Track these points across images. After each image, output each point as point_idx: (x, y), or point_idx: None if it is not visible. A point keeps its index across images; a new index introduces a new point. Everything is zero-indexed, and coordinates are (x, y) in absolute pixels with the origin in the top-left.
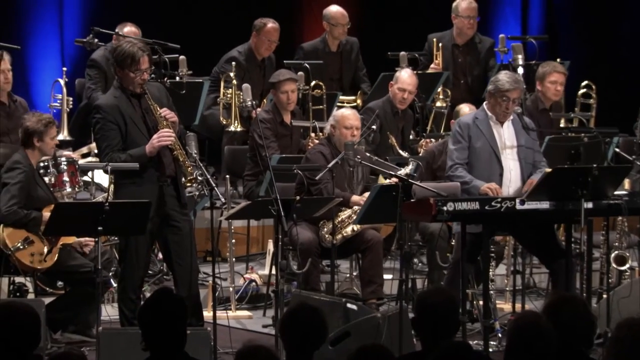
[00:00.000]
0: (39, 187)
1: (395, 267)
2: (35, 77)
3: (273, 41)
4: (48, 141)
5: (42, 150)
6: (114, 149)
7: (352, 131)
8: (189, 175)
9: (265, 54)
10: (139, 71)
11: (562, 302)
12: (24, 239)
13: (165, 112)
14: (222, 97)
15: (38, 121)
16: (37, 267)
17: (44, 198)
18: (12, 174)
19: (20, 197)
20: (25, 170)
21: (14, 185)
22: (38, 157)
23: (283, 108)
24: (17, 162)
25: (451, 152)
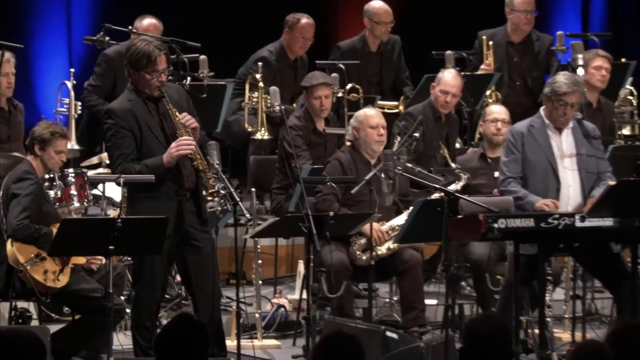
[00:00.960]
0: (47, 202)
1: (440, 291)
2: (40, 79)
3: (307, 39)
4: (52, 153)
5: (44, 163)
6: (128, 159)
7: (378, 130)
8: (211, 187)
9: (299, 53)
10: (156, 72)
11: (627, 331)
12: (36, 254)
13: (185, 117)
14: (248, 102)
15: (45, 128)
16: (50, 285)
17: (52, 215)
18: (22, 184)
19: (32, 210)
20: (36, 182)
21: (25, 196)
22: (41, 170)
23: (315, 114)
24: (28, 172)
25: (503, 165)
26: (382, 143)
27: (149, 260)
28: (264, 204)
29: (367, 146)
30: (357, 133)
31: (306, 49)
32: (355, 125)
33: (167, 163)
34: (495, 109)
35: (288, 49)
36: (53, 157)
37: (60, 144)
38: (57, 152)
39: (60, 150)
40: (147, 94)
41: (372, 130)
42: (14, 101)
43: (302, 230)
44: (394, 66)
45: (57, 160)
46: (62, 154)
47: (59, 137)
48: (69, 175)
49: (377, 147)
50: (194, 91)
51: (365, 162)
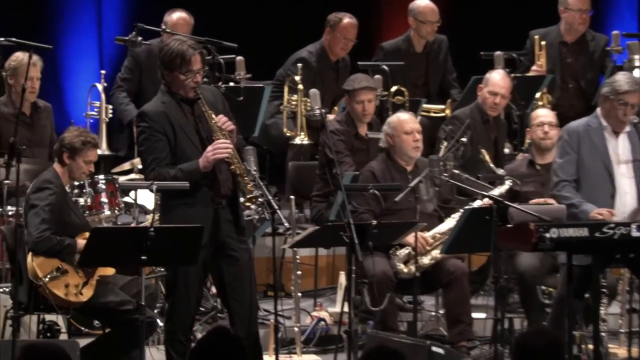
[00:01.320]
0: (71, 212)
1: (489, 304)
2: (70, 82)
3: (350, 39)
4: (80, 163)
5: (72, 172)
6: (162, 164)
7: (413, 135)
8: (249, 192)
9: (341, 54)
10: (191, 72)
11: None
12: (57, 268)
13: (221, 119)
14: (287, 105)
15: (77, 136)
16: (71, 300)
17: (78, 224)
18: (40, 194)
19: (51, 221)
20: (55, 191)
21: (43, 208)
22: (67, 178)
23: (358, 119)
24: (47, 182)
25: (557, 167)
26: (418, 149)
27: (183, 271)
28: (303, 212)
29: (403, 153)
30: (391, 140)
31: (348, 50)
32: (389, 131)
33: (203, 167)
34: (541, 112)
35: (329, 50)
36: (81, 167)
37: (91, 155)
38: (87, 162)
39: (90, 160)
40: (182, 96)
41: (407, 136)
42: (38, 103)
43: (344, 239)
44: (441, 67)
45: (85, 170)
46: (90, 165)
47: (91, 147)
48: (100, 182)
49: (413, 154)
50: (230, 94)
51: (401, 169)
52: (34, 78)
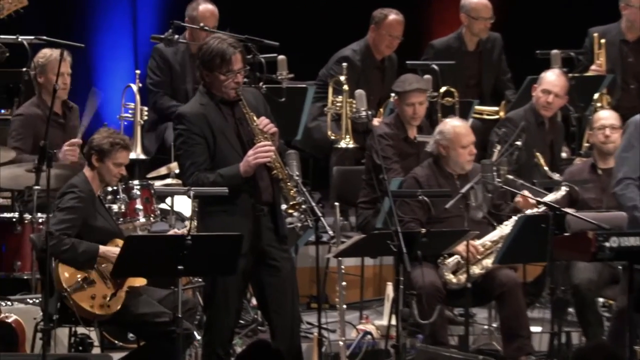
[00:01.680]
0: (100, 217)
1: (545, 318)
2: (103, 82)
3: (395, 36)
4: (110, 166)
5: (102, 175)
6: (200, 168)
7: (470, 149)
8: (292, 199)
9: (386, 53)
10: (231, 72)
11: None
12: (83, 278)
13: (263, 121)
14: (331, 106)
15: (105, 137)
16: (97, 312)
17: (107, 230)
18: (63, 199)
19: (70, 223)
20: (80, 196)
21: (62, 210)
22: (97, 183)
23: (407, 122)
24: (72, 186)
25: (621, 162)
26: (472, 161)
27: (222, 281)
28: (348, 220)
29: (457, 165)
30: (444, 150)
31: (394, 48)
32: (443, 142)
33: (244, 172)
34: (603, 114)
35: (374, 48)
36: (111, 170)
37: (121, 157)
38: (116, 165)
39: (120, 163)
40: (222, 97)
41: (464, 150)
42: (69, 103)
43: (391, 249)
44: (494, 67)
45: (115, 173)
46: (121, 167)
47: (120, 149)
48: (134, 188)
49: (467, 166)
50: (272, 95)
51: (448, 175)
52: (64, 74)
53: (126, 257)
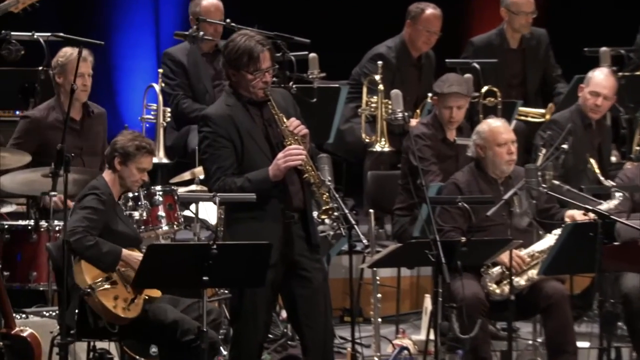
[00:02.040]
0: (121, 222)
1: (594, 332)
2: (124, 82)
3: (433, 32)
4: (133, 170)
5: (123, 180)
6: (227, 173)
7: (507, 147)
8: (325, 204)
9: (423, 49)
10: (259, 71)
11: None
12: (106, 277)
13: (293, 123)
14: (365, 107)
15: (130, 140)
16: (119, 314)
17: (129, 236)
18: (84, 199)
19: (92, 223)
20: (101, 199)
21: (84, 208)
22: (117, 187)
23: (444, 124)
24: (94, 188)
25: None
26: (512, 162)
27: (249, 293)
28: (384, 228)
29: (496, 167)
30: (482, 151)
31: (431, 45)
32: (480, 142)
33: (274, 176)
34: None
35: (410, 45)
36: (134, 174)
37: (145, 161)
38: (140, 170)
39: (144, 168)
40: (249, 97)
41: (500, 148)
42: (90, 107)
43: (429, 258)
44: (539, 65)
45: (138, 178)
46: (144, 173)
47: (145, 154)
48: (157, 194)
49: (506, 167)
50: (302, 95)
51: (491, 181)
52: (85, 75)
53: (148, 267)
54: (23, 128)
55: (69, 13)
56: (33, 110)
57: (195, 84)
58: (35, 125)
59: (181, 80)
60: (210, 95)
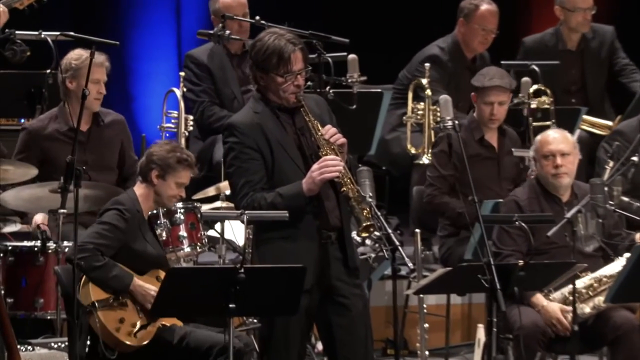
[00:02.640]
0: (144, 241)
1: None
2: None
3: (490, 30)
4: (172, 185)
5: (160, 194)
6: (256, 188)
7: (553, 161)
8: (365, 220)
9: (479, 50)
10: (290, 74)
11: None
12: (115, 297)
13: (329, 131)
14: (411, 115)
15: (170, 151)
16: (121, 339)
17: (151, 258)
18: (106, 214)
19: (108, 240)
20: (124, 216)
21: (102, 223)
22: (150, 203)
23: (483, 123)
24: (118, 203)
25: None
26: (561, 176)
27: (281, 322)
28: (431, 250)
29: (547, 182)
30: (535, 164)
31: (488, 45)
32: (533, 154)
33: (308, 191)
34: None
35: (464, 45)
36: (172, 189)
37: (185, 176)
38: (179, 184)
39: (183, 183)
40: (280, 103)
41: (546, 160)
42: (101, 117)
43: (482, 284)
44: (601, 69)
45: (175, 193)
46: (181, 188)
47: (186, 167)
48: (178, 212)
49: (556, 182)
50: (341, 101)
51: (555, 199)
52: (100, 81)
53: (167, 294)
54: (22, 141)
55: (81, 10)
56: (32, 121)
57: (222, 89)
58: (33, 137)
59: (206, 85)
60: (238, 102)
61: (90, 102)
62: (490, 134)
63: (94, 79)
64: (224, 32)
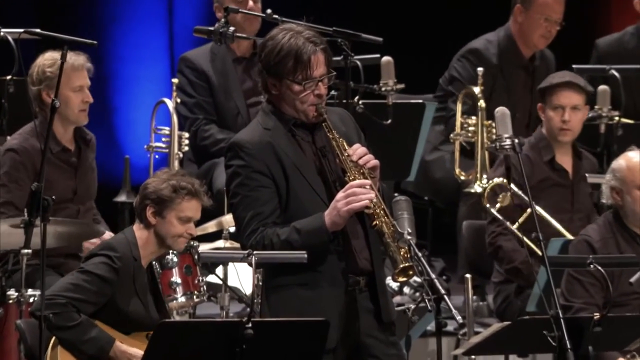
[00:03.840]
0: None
1: None
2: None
3: (554, 21)
4: (173, 222)
5: (162, 236)
6: (267, 222)
7: None
8: (402, 262)
9: (540, 46)
10: (310, 80)
11: None
12: None
13: (357, 151)
14: (459, 132)
15: (165, 180)
16: None
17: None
18: (91, 260)
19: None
20: (113, 265)
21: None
22: (154, 247)
23: (553, 137)
24: (109, 248)
25: None
26: None
27: None
28: (485, 300)
29: (635, 217)
30: (618, 197)
31: (551, 39)
32: (615, 184)
33: (331, 225)
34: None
35: (520, 39)
36: (176, 227)
37: (188, 208)
38: (182, 219)
39: (188, 217)
40: (296, 118)
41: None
42: (84, 133)
43: (549, 342)
44: None
45: (180, 232)
46: (189, 224)
47: (187, 197)
48: (169, 252)
49: None
50: (372, 115)
51: (634, 236)
52: (83, 87)
53: (158, 354)
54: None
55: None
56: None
57: (223, 102)
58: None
59: (202, 97)
60: (243, 118)
61: (75, 115)
62: (563, 153)
63: (75, 87)
64: (227, 29)
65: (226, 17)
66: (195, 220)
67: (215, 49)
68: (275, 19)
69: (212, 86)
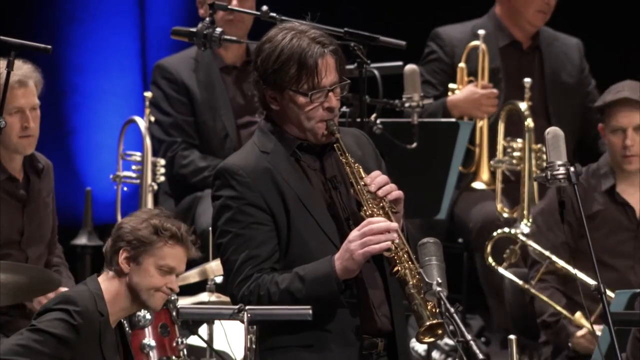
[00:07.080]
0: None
1: None
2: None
3: None
4: (150, 271)
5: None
6: (263, 267)
7: None
8: (429, 318)
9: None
10: (319, 91)
11: None
12: None
13: (376, 180)
14: (502, 158)
15: (144, 220)
16: None
17: None
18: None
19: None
20: (72, 322)
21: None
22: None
23: (616, 163)
24: (68, 301)
25: None
26: None
27: None
28: None
29: None
30: None
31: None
32: None
33: (343, 271)
34: None
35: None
36: (152, 277)
37: (171, 255)
38: (163, 269)
39: (170, 267)
40: (302, 138)
41: None
42: (36, 161)
43: None
44: None
45: (159, 284)
46: (171, 276)
47: (170, 241)
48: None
49: None
50: (393, 137)
51: None
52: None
53: None
54: None
55: None
56: None
57: (208, 122)
58: None
59: (182, 115)
60: (232, 141)
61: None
62: (628, 185)
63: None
64: (213, 30)
65: (212, 15)
66: (178, 273)
67: (199, 55)
68: (272, 17)
69: (194, 102)
